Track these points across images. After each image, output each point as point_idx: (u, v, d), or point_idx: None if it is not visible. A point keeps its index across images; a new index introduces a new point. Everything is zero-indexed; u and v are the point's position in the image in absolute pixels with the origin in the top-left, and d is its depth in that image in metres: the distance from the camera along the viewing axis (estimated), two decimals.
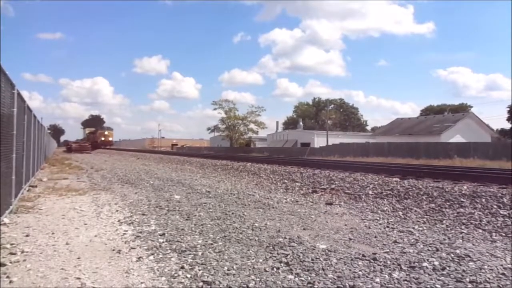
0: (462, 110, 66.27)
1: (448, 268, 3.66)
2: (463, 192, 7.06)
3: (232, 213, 6.41)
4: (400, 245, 4.55)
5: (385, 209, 6.92)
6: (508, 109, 55.44)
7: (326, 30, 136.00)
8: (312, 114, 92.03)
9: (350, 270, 3.63)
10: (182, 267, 3.69)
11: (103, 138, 58.12)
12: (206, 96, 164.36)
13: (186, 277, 3.45)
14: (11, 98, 5.88)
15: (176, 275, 3.50)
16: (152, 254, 4.13)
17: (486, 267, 3.71)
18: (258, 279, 3.39)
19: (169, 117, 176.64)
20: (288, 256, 4.03)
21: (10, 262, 3.76)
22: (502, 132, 55.86)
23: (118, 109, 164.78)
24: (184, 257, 4.02)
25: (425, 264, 3.79)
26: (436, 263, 3.82)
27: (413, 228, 5.50)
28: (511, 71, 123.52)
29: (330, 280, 3.38)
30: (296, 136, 65.12)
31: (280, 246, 4.43)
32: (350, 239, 4.85)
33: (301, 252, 4.17)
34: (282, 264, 3.81)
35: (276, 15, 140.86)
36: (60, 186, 10.43)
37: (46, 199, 8.04)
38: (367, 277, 3.46)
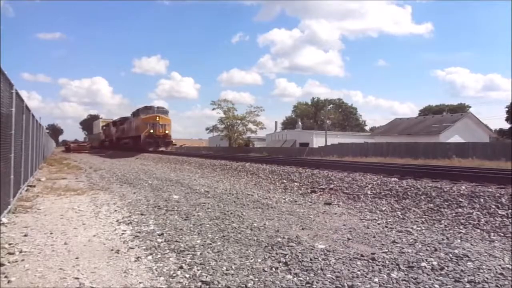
0: (460, 110, 66.32)
1: (446, 268, 3.67)
2: (461, 192, 7.06)
3: (231, 213, 6.41)
4: (398, 245, 4.55)
5: (383, 209, 6.93)
6: (507, 109, 55.55)
7: (325, 30, 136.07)
8: (311, 114, 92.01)
9: (348, 270, 3.63)
10: (181, 267, 3.69)
11: (152, 131, 30.56)
12: (205, 96, 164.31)
13: (185, 277, 3.45)
14: (9, 98, 5.87)
15: (174, 275, 3.50)
16: (151, 254, 4.13)
17: (484, 267, 3.72)
18: (256, 279, 3.40)
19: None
20: (287, 256, 4.03)
21: (9, 262, 3.75)
22: (501, 132, 55.95)
23: (117, 109, 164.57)
24: (182, 257, 4.02)
25: (423, 264, 3.79)
26: (435, 263, 3.82)
27: (412, 228, 5.51)
28: (511, 71, 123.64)
29: (329, 280, 3.38)
30: (294, 136, 65.10)
31: (279, 246, 4.43)
32: (349, 239, 4.85)
33: (299, 252, 4.17)
34: (280, 264, 3.82)
35: (275, 15, 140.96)
36: (59, 186, 10.42)
37: (44, 199, 8.03)
38: (365, 277, 3.46)
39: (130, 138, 34.72)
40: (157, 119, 31.73)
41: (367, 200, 7.69)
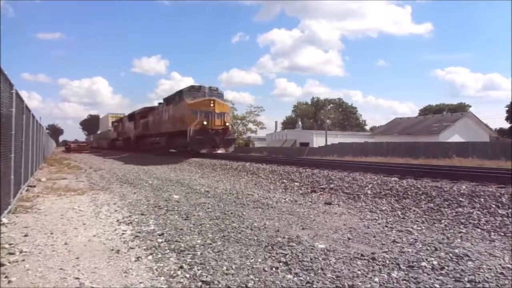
0: (460, 109, 66.35)
1: (446, 268, 3.67)
2: (461, 191, 7.06)
3: (231, 213, 6.41)
4: (399, 244, 4.55)
5: (384, 208, 6.92)
6: (507, 108, 55.51)
7: (325, 30, 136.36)
8: (311, 113, 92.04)
9: (349, 269, 3.63)
10: (181, 267, 3.69)
11: (205, 122, 20.00)
12: None
13: (185, 277, 3.45)
14: (9, 98, 5.87)
15: (175, 275, 3.50)
16: (151, 254, 4.13)
17: (484, 266, 3.72)
18: (257, 279, 3.40)
19: None
20: (287, 256, 4.03)
21: (9, 262, 3.75)
22: (501, 131, 55.91)
23: (117, 109, 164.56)
24: (183, 257, 4.02)
25: (424, 263, 3.79)
26: (435, 262, 3.82)
27: (412, 227, 5.50)
28: (511, 70, 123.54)
29: (329, 280, 3.38)
30: (295, 136, 65.11)
31: (279, 245, 4.43)
32: (349, 238, 4.85)
33: (300, 252, 4.17)
34: (281, 263, 3.81)
35: (275, 15, 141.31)
36: (59, 186, 10.42)
37: (44, 199, 8.02)
38: (366, 276, 3.46)
39: (164, 135, 23.68)
40: (212, 104, 20.25)
41: (367, 200, 7.69)
